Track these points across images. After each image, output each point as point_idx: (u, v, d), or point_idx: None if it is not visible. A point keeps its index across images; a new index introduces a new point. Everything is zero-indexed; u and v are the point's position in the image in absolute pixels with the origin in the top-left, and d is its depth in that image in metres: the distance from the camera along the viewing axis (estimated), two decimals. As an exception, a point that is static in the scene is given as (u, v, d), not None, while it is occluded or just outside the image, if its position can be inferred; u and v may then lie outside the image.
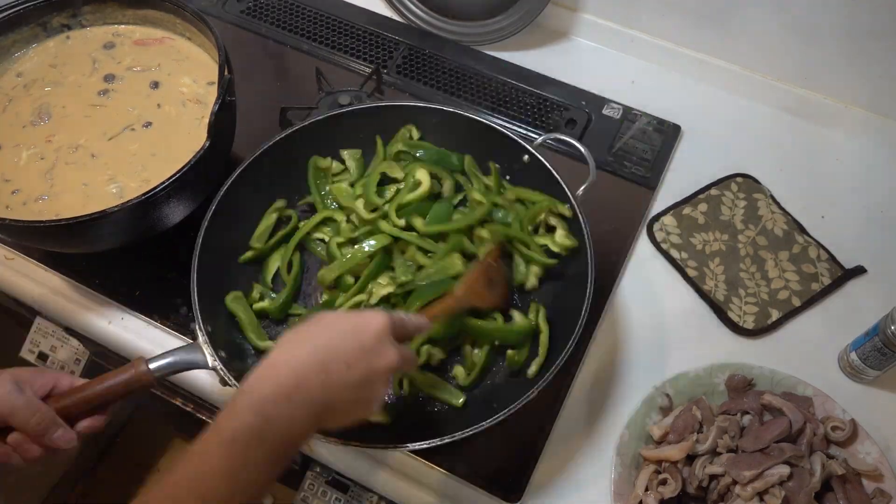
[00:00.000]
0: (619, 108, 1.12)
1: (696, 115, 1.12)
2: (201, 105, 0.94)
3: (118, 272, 0.95)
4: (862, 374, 0.88)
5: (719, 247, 0.99)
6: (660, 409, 0.84)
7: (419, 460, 0.83)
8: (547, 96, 1.13)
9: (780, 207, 1.03)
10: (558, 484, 0.83)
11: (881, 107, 1.10)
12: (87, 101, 0.95)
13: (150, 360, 0.70)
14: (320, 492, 0.87)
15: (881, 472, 0.79)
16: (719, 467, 0.77)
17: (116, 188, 0.88)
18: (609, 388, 0.89)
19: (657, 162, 1.07)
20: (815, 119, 1.12)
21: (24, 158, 0.90)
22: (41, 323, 0.98)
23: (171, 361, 0.72)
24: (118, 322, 0.93)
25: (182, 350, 0.74)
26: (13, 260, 0.97)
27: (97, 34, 1.00)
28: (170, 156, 0.89)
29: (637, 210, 1.02)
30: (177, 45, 0.99)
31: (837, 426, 0.80)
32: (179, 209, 0.87)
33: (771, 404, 0.80)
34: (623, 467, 0.80)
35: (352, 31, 1.21)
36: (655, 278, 0.97)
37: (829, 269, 0.97)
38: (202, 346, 0.74)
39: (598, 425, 0.86)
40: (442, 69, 1.16)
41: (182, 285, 0.93)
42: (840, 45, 1.05)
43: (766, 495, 0.75)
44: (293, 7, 1.24)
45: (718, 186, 1.05)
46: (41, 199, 0.87)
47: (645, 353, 0.91)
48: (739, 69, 1.14)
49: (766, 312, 0.94)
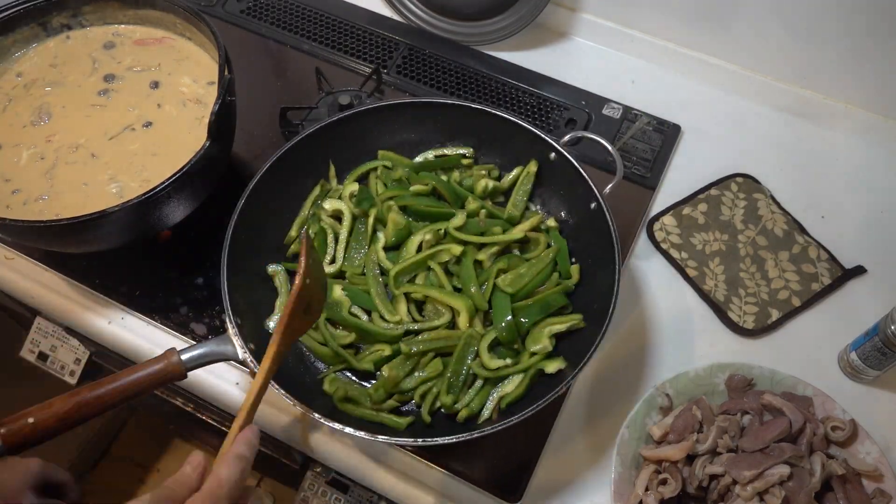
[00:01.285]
0: (619, 108, 1.12)
1: (696, 115, 1.12)
2: (201, 105, 0.94)
3: (118, 272, 0.95)
4: (862, 374, 0.88)
5: (719, 247, 0.99)
6: (660, 409, 0.84)
7: (419, 460, 0.83)
8: (547, 96, 1.13)
9: (780, 207, 1.03)
10: (558, 484, 0.83)
11: (881, 107, 1.10)
12: (88, 101, 0.95)
13: (181, 352, 0.71)
14: (320, 492, 0.87)
15: (881, 472, 0.79)
16: (719, 467, 0.77)
17: (116, 188, 0.88)
18: (609, 388, 0.89)
19: (657, 162, 1.07)
20: (815, 119, 1.12)
21: (25, 158, 0.90)
22: (41, 323, 0.98)
23: (202, 353, 0.72)
24: (118, 322, 0.93)
25: (213, 342, 0.74)
26: (13, 260, 0.97)
27: (97, 34, 1.00)
28: (170, 156, 0.89)
29: (637, 210, 1.02)
30: (177, 45, 0.99)
31: (837, 426, 0.80)
32: (179, 209, 0.87)
33: (771, 404, 0.80)
34: (623, 467, 0.80)
35: (352, 31, 1.21)
36: (655, 278, 0.97)
37: (829, 269, 0.97)
38: (232, 338, 0.75)
39: (598, 425, 0.86)
40: (442, 69, 1.16)
41: (182, 285, 0.93)
42: (840, 45, 1.05)
43: (766, 495, 0.75)
44: (293, 7, 1.24)
45: (718, 186, 1.05)
46: (41, 199, 0.87)
47: (645, 353, 0.91)
48: (739, 69, 1.14)
49: (766, 312, 0.94)
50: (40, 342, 0.98)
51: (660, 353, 0.91)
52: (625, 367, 0.90)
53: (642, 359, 0.91)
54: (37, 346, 0.98)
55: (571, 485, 0.83)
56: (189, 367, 0.71)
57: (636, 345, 0.92)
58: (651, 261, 0.99)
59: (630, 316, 0.94)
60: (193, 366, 0.71)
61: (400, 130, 0.96)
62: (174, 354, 0.70)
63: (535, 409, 0.72)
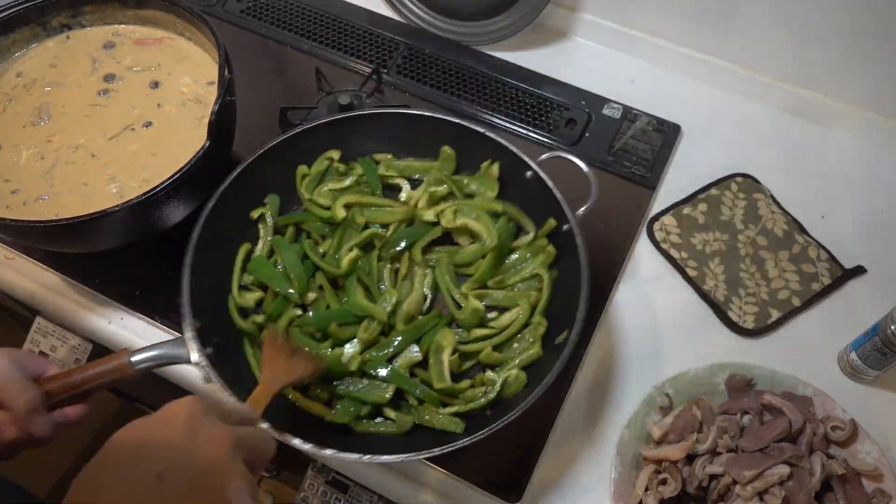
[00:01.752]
0: (619, 107, 1.12)
1: (696, 115, 1.12)
2: (201, 105, 0.94)
3: (118, 272, 0.95)
4: (862, 374, 0.88)
5: (719, 247, 0.99)
6: (660, 408, 0.84)
7: (419, 460, 0.83)
8: (547, 96, 1.13)
9: (780, 207, 1.03)
10: (558, 484, 0.83)
11: (881, 107, 1.10)
12: (87, 101, 0.95)
13: (133, 353, 0.71)
14: (320, 492, 0.87)
15: (881, 471, 0.79)
16: (719, 467, 0.77)
17: (116, 188, 0.88)
18: (609, 388, 0.89)
19: (657, 162, 1.07)
20: (815, 119, 1.12)
21: (24, 158, 0.90)
22: (41, 323, 0.98)
23: (155, 355, 0.72)
24: (118, 322, 0.93)
25: (167, 344, 0.74)
26: (13, 260, 0.97)
27: (97, 34, 1.00)
28: (170, 156, 0.89)
29: (637, 210, 1.02)
30: (177, 45, 0.99)
31: (837, 426, 0.80)
32: (179, 209, 0.87)
33: (771, 404, 0.80)
34: (623, 467, 0.80)
35: (352, 30, 1.21)
36: (655, 278, 0.97)
37: (829, 268, 0.97)
38: (187, 342, 0.75)
39: (598, 425, 0.86)
40: (442, 69, 1.16)
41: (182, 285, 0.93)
42: (840, 45, 1.05)
43: (766, 495, 0.75)
44: (293, 7, 1.24)
45: (718, 186, 1.05)
46: (41, 199, 0.87)
47: (645, 352, 0.91)
48: (739, 69, 1.14)
49: (766, 312, 0.94)
50: (40, 342, 0.98)
51: (660, 353, 0.91)
52: (624, 366, 0.90)
53: (642, 358, 0.91)
54: (37, 346, 0.98)
55: (571, 485, 0.83)
56: (139, 369, 0.70)
57: (636, 344, 0.92)
58: (651, 261, 0.99)
59: (629, 316, 0.94)
60: (144, 368, 0.71)
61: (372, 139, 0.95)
62: (125, 355, 0.70)
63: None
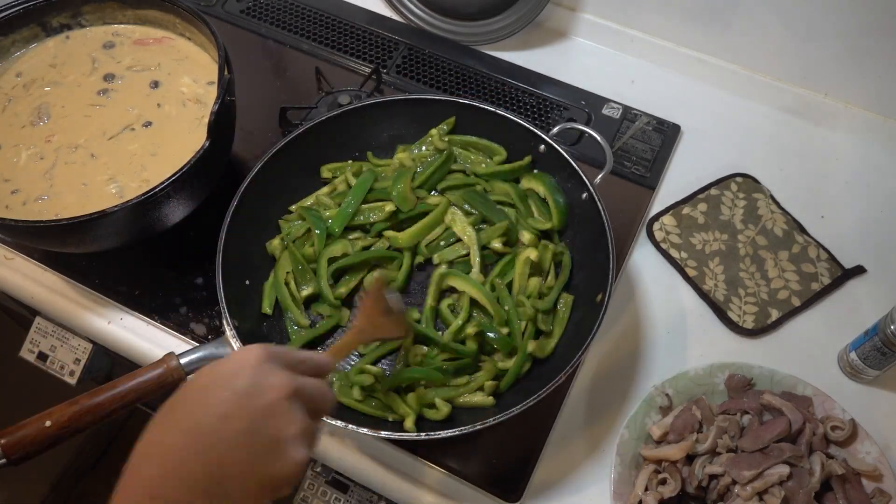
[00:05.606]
0: (619, 107, 1.12)
1: (696, 115, 1.12)
2: (201, 105, 0.94)
3: (118, 272, 0.95)
4: (862, 374, 0.88)
5: (719, 246, 0.99)
6: (660, 408, 0.84)
7: (419, 460, 0.83)
8: (547, 96, 1.13)
9: (780, 207, 1.03)
10: (558, 484, 0.83)
11: (881, 107, 1.10)
12: (87, 101, 0.95)
13: (180, 356, 0.71)
14: (320, 492, 0.87)
15: (881, 471, 0.79)
16: (719, 467, 0.77)
17: (116, 188, 0.88)
18: (609, 388, 0.89)
19: (657, 162, 1.07)
20: (815, 119, 1.12)
21: (24, 158, 0.90)
22: (41, 323, 0.98)
23: (202, 356, 0.73)
24: (118, 322, 0.93)
25: (212, 344, 0.75)
26: (13, 260, 0.97)
27: (97, 34, 1.00)
28: (170, 156, 0.89)
29: (637, 210, 1.02)
30: (177, 45, 0.99)
31: (837, 426, 0.80)
32: (179, 209, 0.87)
33: (771, 404, 0.80)
34: (623, 467, 0.80)
35: (352, 30, 1.21)
36: (655, 278, 0.97)
37: (828, 268, 0.97)
38: (230, 340, 0.76)
39: (598, 425, 0.86)
40: (442, 69, 1.16)
41: (182, 285, 0.93)
42: (840, 44, 1.05)
43: (765, 495, 0.75)
44: (293, 7, 1.24)
45: (718, 186, 1.05)
46: (41, 199, 0.87)
47: (645, 352, 0.91)
48: (739, 69, 1.14)
49: (766, 312, 0.94)
50: (40, 342, 0.98)
51: (659, 353, 0.91)
52: (624, 366, 0.90)
53: (642, 358, 0.91)
54: (36, 346, 0.98)
55: (571, 484, 0.83)
56: (188, 371, 0.71)
57: (636, 344, 0.92)
58: (651, 261, 0.99)
59: (629, 315, 0.94)
60: (193, 369, 0.71)
61: (390, 127, 0.98)
62: (173, 359, 0.70)
63: (538, 398, 0.72)
